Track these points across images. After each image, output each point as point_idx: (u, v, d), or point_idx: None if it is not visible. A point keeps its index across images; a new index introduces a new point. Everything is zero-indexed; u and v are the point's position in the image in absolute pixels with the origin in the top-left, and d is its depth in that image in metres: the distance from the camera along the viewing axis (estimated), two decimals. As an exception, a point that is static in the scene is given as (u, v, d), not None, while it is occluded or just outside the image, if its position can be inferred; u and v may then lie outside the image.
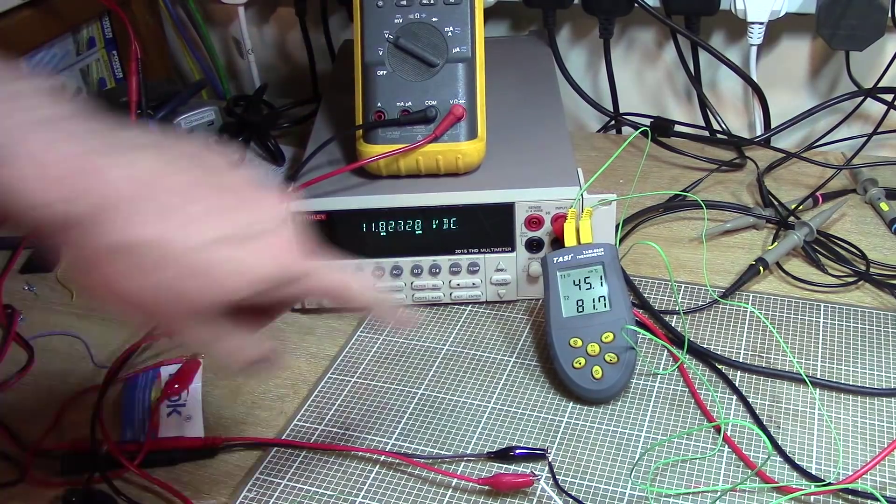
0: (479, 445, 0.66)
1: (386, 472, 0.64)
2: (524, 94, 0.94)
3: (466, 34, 0.78)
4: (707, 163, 1.01)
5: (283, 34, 1.27)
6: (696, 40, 1.03)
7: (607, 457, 0.64)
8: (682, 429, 0.66)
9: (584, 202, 0.75)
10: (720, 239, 0.88)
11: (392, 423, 0.69)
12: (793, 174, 0.98)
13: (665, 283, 0.82)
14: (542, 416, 0.68)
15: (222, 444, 0.67)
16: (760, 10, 0.98)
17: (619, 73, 1.11)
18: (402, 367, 0.74)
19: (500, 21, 1.17)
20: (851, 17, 0.94)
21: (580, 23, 1.13)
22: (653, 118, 1.07)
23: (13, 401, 0.73)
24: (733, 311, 0.78)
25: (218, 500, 0.63)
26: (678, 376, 0.71)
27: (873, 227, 0.89)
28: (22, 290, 0.87)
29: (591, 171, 0.77)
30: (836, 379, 0.70)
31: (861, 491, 0.60)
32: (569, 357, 0.69)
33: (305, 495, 0.63)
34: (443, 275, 0.79)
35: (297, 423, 0.69)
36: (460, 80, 0.77)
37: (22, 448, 0.68)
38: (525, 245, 0.78)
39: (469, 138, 0.77)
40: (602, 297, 0.71)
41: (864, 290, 0.80)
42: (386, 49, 0.78)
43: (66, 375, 0.75)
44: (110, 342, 0.78)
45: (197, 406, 0.70)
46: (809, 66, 1.07)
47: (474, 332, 0.78)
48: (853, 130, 1.04)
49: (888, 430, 0.65)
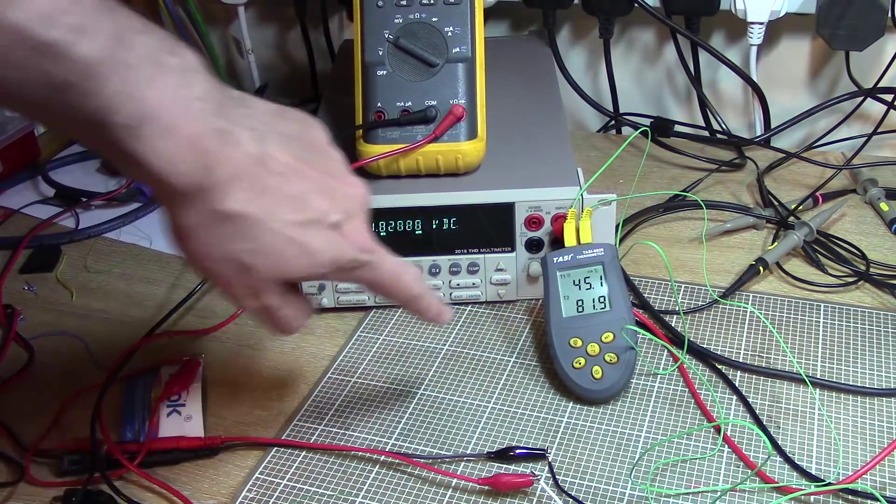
0: (479, 445, 0.66)
1: (386, 472, 0.64)
2: (524, 94, 0.94)
3: (466, 34, 0.78)
4: (707, 163, 1.01)
5: (283, 34, 1.27)
6: (696, 40, 1.03)
7: (607, 457, 0.64)
8: (682, 429, 0.66)
9: (584, 202, 0.75)
10: (720, 239, 0.88)
11: (392, 423, 0.69)
12: (793, 174, 0.98)
13: (665, 283, 0.82)
14: (542, 416, 0.68)
15: (222, 444, 0.67)
16: (760, 10, 0.98)
17: (619, 73, 1.11)
18: (402, 367, 0.74)
19: (500, 21, 1.17)
20: (851, 17, 0.94)
21: (580, 23, 1.13)
22: (653, 118, 1.07)
23: (13, 401, 0.73)
24: (733, 311, 0.78)
25: (218, 500, 0.63)
26: (678, 376, 0.71)
27: (873, 227, 0.89)
28: (22, 290, 0.87)
29: (591, 171, 0.77)
30: (836, 379, 0.70)
31: (861, 491, 0.60)
32: (569, 357, 0.69)
33: (305, 495, 0.63)
34: (443, 275, 0.79)
35: (297, 423, 0.69)
36: (460, 80, 0.77)
37: (22, 448, 0.68)
38: (525, 245, 0.78)
39: (469, 138, 0.77)
40: (602, 297, 0.71)
41: (864, 290, 0.80)
42: (386, 49, 0.78)
43: (66, 375, 0.76)
44: (110, 342, 0.78)
45: (197, 406, 0.70)
46: (809, 66, 1.07)
47: (474, 332, 0.78)
48: (853, 130, 1.03)
49: (888, 430, 0.65)
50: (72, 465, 0.65)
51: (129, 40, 0.45)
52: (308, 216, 0.51)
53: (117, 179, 1.06)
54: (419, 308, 0.61)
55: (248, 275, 0.51)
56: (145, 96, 0.46)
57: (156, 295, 0.85)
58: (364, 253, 0.54)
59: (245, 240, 0.50)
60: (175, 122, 0.46)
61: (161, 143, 0.46)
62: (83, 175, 1.07)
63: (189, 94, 0.47)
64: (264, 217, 0.50)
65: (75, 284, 0.88)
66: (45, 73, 0.44)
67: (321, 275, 0.53)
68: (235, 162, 0.49)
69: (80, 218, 0.98)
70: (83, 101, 0.45)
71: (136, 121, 0.46)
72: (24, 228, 0.95)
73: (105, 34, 0.44)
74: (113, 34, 0.45)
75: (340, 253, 0.53)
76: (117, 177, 1.06)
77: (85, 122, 0.46)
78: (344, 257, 0.53)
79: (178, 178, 0.47)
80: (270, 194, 0.50)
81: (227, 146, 0.48)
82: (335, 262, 0.53)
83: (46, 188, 1.04)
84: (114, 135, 0.46)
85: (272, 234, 0.50)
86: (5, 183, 1.05)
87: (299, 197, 0.51)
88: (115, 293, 0.86)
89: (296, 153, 0.52)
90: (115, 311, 0.84)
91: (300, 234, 0.51)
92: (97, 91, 0.45)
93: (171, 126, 0.46)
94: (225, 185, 0.49)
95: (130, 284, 0.88)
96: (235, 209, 0.49)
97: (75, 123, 0.46)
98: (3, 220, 0.99)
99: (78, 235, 0.95)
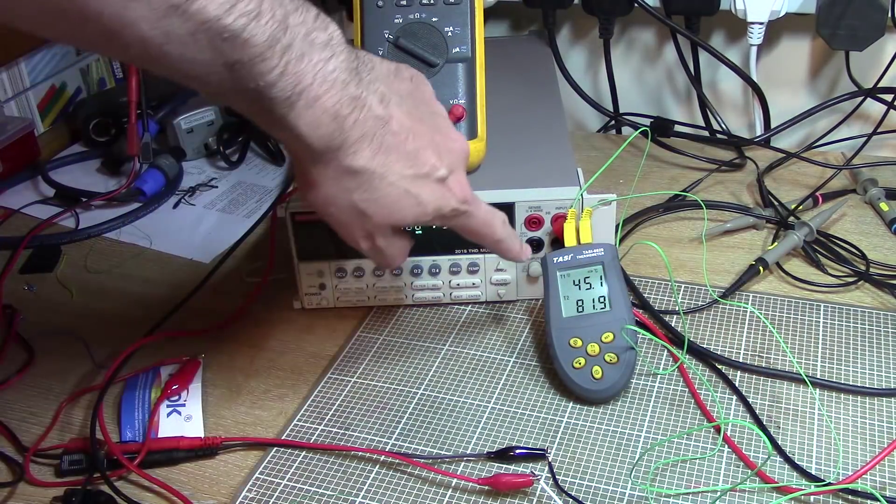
0: (479, 445, 0.66)
1: (386, 472, 0.64)
2: (524, 94, 0.94)
3: (466, 34, 0.78)
4: (707, 163, 1.01)
5: (283, 34, 1.27)
6: (696, 40, 1.03)
7: (607, 457, 0.64)
8: (682, 429, 0.66)
9: (584, 202, 0.75)
10: (720, 239, 0.88)
11: (392, 423, 0.69)
12: (793, 174, 0.98)
13: (665, 283, 0.82)
14: (542, 416, 0.68)
15: (222, 444, 0.67)
16: (760, 10, 0.98)
17: (619, 73, 1.11)
18: (402, 367, 0.74)
19: (500, 21, 1.17)
20: (851, 17, 0.94)
21: (580, 23, 1.13)
22: (653, 118, 1.07)
23: (13, 401, 0.73)
24: (733, 311, 0.78)
25: (218, 500, 0.63)
26: (678, 376, 0.71)
27: (873, 227, 0.89)
28: (22, 290, 0.87)
29: (591, 171, 0.77)
30: (836, 379, 0.70)
31: (861, 491, 0.60)
32: (569, 357, 0.69)
33: (305, 495, 0.63)
34: (443, 275, 0.79)
35: (297, 423, 0.69)
36: (460, 80, 0.77)
37: (22, 448, 0.68)
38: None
39: (469, 138, 0.77)
40: (602, 297, 0.71)
41: (864, 290, 0.80)
42: (386, 49, 0.78)
43: (66, 375, 0.76)
44: (110, 342, 0.78)
45: (197, 406, 0.70)
46: (809, 66, 1.07)
47: (474, 332, 0.78)
48: (853, 130, 1.03)
49: (888, 430, 0.65)
50: (72, 465, 0.65)
51: (288, 20, 0.50)
52: (420, 170, 0.58)
53: (117, 179, 1.06)
54: (501, 249, 0.68)
55: (366, 220, 0.58)
56: (299, 71, 0.50)
57: (156, 295, 0.85)
58: (464, 203, 0.61)
59: (367, 191, 0.57)
60: (319, 94, 0.52)
61: (308, 112, 0.52)
62: (83, 175, 1.07)
63: (332, 66, 0.52)
64: (384, 171, 0.56)
65: (75, 284, 0.88)
66: (220, 53, 0.48)
67: (426, 221, 0.61)
68: (364, 124, 0.54)
69: (80, 218, 0.98)
70: (248, 76, 0.49)
71: (290, 94, 0.51)
72: (24, 228, 0.95)
73: (272, 17, 0.49)
74: (277, 16, 0.49)
75: (445, 202, 0.60)
76: (117, 177, 1.06)
77: (244, 93, 0.50)
78: (447, 206, 0.60)
79: (317, 140, 0.53)
80: (390, 151, 0.56)
81: (357, 110, 0.54)
82: (439, 211, 0.60)
83: (46, 188, 1.04)
84: (270, 105, 0.51)
85: (390, 186, 0.57)
86: (5, 183, 1.05)
87: (413, 153, 0.57)
88: (115, 293, 0.86)
89: (410, 111, 0.58)
90: (115, 311, 0.84)
91: (413, 187, 0.58)
92: (262, 69, 0.49)
93: (317, 97, 0.52)
94: (354, 144, 0.55)
95: (130, 284, 0.88)
96: (361, 165, 0.55)
97: (234, 94, 0.51)
98: (3, 220, 0.99)
99: (78, 235, 0.95)
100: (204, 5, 0.46)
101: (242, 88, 0.50)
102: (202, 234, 0.95)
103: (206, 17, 0.46)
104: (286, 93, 0.51)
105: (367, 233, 0.60)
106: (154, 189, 1.01)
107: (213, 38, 0.47)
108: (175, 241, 0.94)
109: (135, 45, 0.46)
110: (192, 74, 0.49)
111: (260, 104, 0.51)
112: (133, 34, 0.46)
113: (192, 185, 1.03)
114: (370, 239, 0.61)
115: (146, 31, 0.45)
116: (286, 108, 0.51)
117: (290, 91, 0.51)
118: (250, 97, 0.51)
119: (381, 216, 0.58)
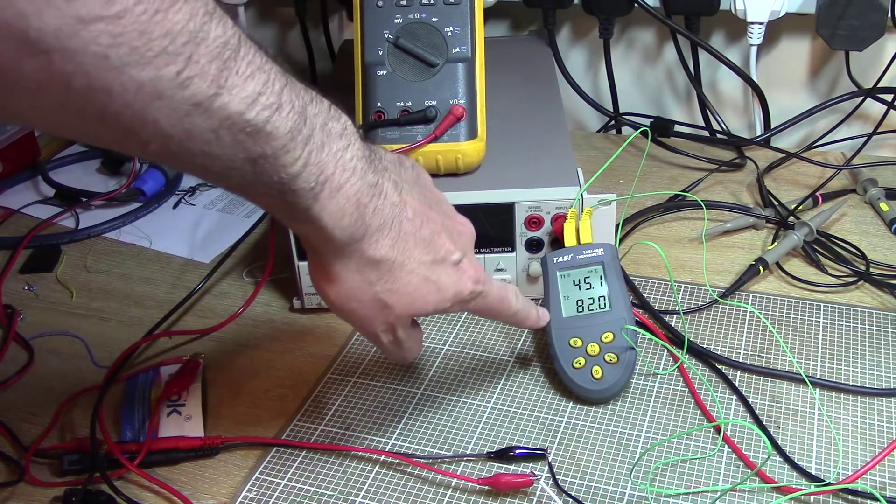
0: (479, 445, 0.66)
1: (386, 472, 0.64)
2: (524, 94, 0.94)
3: (466, 34, 0.78)
4: (707, 163, 1.01)
5: (283, 34, 1.27)
6: (696, 40, 1.03)
7: (607, 457, 0.64)
8: (682, 429, 0.66)
9: (584, 202, 0.75)
10: (720, 239, 0.88)
11: (392, 422, 0.69)
12: (793, 174, 0.98)
13: (665, 283, 0.82)
14: (542, 416, 0.68)
15: (222, 444, 0.67)
16: (760, 10, 0.98)
17: (619, 73, 1.11)
18: (402, 367, 0.74)
19: (500, 21, 1.17)
20: (851, 17, 0.94)
21: (580, 23, 1.13)
22: (653, 118, 1.07)
23: (13, 401, 0.73)
24: (733, 311, 0.78)
25: (218, 500, 0.63)
26: (678, 376, 0.71)
27: (873, 227, 0.89)
28: (22, 290, 0.87)
29: (591, 171, 0.77)
30: (836, 379, 0.70)
31: (861, 491, 0.60)
32: (569, 357, 0.69)
33: (305, 495, 0.63)
34: (443, 275, 0.79)
35: (297, 423, 0.69)
36: (460, 80, 0.77)
37: (22, 448, 0.68)
38: (525, 245, 0.78)
39: (469, 138, 0.77)
40: (602, 297, 0.71)
41: (864, 290, 0.80)
42: (386, 49, 0.78)
43: (66, 375, 0.75)
44: (110, 342, 0.78)
45: (197, 406, 0.70)
46: (809, 66, 1.07)
47: (474, 332, 0.78)
48: (853, 130, 1.03)
49: (888, 430, 0.65)
50: (72, 465, 0.65)
51: (306, 111, 0.49)
52: (437, 255, 0.57)
53: (117, 179, 1.06)
54: (519, 320, 0.67)
55: (388, 312, 0.57)
56: (321, 160, 0.50)
57: (156, 295, 0.85)
58: (478, 284, 0.60)
59: (388, 281, 0.55)
60: (342, 182, 0.51)
61: (331, 202, 0.51)
62: (83, 175, 1.07)
63: (350, 154, 0.51)
64: (404, 260, 0.55)
65: (75, 284, 0.88)
66: (243, 148, 0.47)
67: (445, 308, 0.59)
68: (382, 211, 0.54)
69: (80, 218, 0.98)
70: (272, 169, 0.48)
71: (314, 184, 0.50)
72: (24, 228, 0.95)
73: (291, 108, 0.48)
74: (297, 108, 0.48)
75: (463, 286, 0.59)
76: (117, 177, 1.06)
77: (266, 187, 0.49)
78: (465, 290, 0.59)
79: (340, 231, 0.52)
80: (408, 238, 0.55)
81: (376, 198, 0.53)
82: (458, 296, 0.59)
83: (46, 188, 1.04)
84: (293, 197, 0.50)
85: (410, 275, 0.56)
86: (5, 183, 1.05)
87: (429, 238, 0.56)
88: (115, 293, 0.86)
89: (420, 198, 0.57)
90: (115, 311, 0.84)
91: (432, 273, 0.57)
92: (286, 161, 0.48)
93: (339, 185, 0.51)
94: (375, 233, 0.54)
95: (130, 284, 0.88)
96: (382, 255, 0.54)
97: (255, 188, 0.49)
98: (3, 220, 0.99)
99: (78, 235, 0.95)
100: (227, 102, 0.45)
101: (265, 182, 0.49)
102: (202, 234, 0.95)
103: (228, 112, 0.45)
104: (310, 183, 0.49)
105: (389, 325, 0.58)
106: (154, 189, 1.01)
107: (236, 133, 0.46)
108: (175, 241, 0.94)
109: (154, 142, 0.45)
110: (214, 170, 0.48)
111: (283, 198, 0.50)
112: (153, 132, 0.44)
113: (192, 185, 1.03)
114: (391, 332, 0.59)
115: (167, 129, 0.44)
116: (310, 200, 0.50)
117: (313, 181, 0.50)
118: (273, 191, 0.49)
119: (403, 306, 0.57)
